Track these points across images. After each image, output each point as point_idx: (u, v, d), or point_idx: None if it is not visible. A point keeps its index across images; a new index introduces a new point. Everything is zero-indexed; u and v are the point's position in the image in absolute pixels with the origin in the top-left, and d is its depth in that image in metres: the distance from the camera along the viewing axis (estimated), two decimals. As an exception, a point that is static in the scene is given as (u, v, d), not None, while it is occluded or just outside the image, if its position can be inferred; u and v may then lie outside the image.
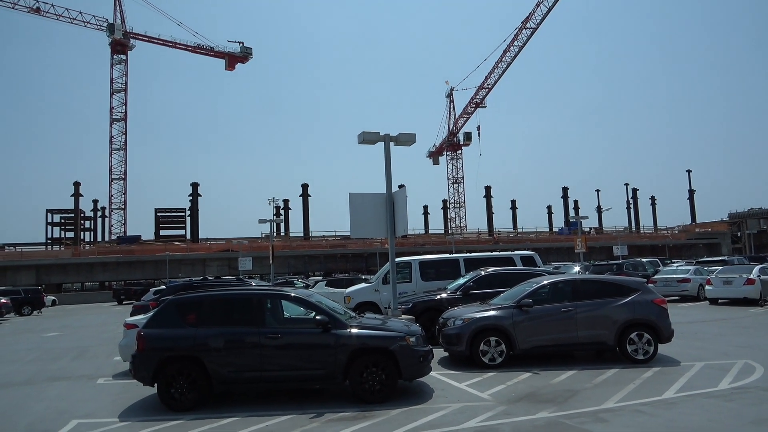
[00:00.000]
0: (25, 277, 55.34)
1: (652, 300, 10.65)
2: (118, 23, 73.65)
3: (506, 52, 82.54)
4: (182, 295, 8.92)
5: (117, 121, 75.31)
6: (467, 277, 14.44)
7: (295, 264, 65.00)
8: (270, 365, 8.17)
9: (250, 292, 8.97)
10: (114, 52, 75.17)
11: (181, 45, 77.58)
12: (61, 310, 42.91)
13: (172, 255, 59.49)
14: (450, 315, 11.22)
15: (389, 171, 11.55)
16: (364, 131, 11.45)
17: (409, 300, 13.99)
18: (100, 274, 60.31)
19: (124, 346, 10.85)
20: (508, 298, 11.07)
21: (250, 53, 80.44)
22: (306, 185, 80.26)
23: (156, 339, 8.24)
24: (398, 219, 11.27)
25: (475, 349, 10.29)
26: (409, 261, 17.42)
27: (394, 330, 8.50)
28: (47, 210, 78.63)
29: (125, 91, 75.82)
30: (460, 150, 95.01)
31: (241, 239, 65.26)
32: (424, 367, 8.46)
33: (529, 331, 10.37)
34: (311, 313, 8.51)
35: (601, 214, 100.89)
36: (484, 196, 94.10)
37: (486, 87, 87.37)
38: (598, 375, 9.43)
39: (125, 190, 75.33)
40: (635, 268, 31.30)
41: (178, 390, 8.08)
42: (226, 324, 8.38)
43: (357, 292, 17.66)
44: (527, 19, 79.14)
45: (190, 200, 75.35)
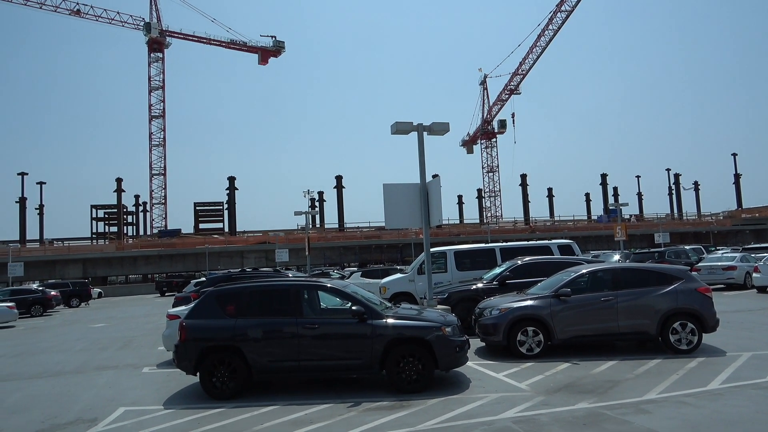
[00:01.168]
0: (73, 271, 57.50)
1: (695, 288, 10.34)
2: (154, 22, 75.23)
3: (540, 36, 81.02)
4: (222, 287, 9.11)
5: (155, 118, 77.16)
6: (503, 267, 14.29)
7: (330, 255, 65.59)
8: (308, 355, 8.28)
9: (287, 283, 9.09)
10: (151, 51, 76.91)
11: (215, 41, 78.84)
12: (106, 302, 44.48)
13: (211, 248, 60.86)
14: (486, 305, 11.14)
15: (423, 161, 11.51)
16: (397, 121, 11.43)
17: (444, 290, 13.94)
18: (142, 267, 62.16)
19: (167, 336, 11.17)
20: (546, 288, 10.92)
21: (282, 47, 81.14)
22: (340, 177, 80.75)
23: (197, 329, 8.45)
24: (432, 209, 11.24)
25: (513, 339, 10.20)
26: (444, 251, 17.36)
27: (430, 320, 8.50)
28: (92, 206, 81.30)
29: (163, 89, 77.56)
30: (495, 138, 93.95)
31: (277, 231, 66.27)
32: (461, 357, 8.44)
33: (567, 321, 10.21)
34: (347, 304, 8.58)
35: (642, 200, 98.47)
36: (520, 185, 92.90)
37: (520, 73, 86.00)
38: (639, 365, 9.22)
39: (165, 185, 77.35)
40: (678, 255, 30.41)
41: (219, 379, 8.28)
42: (264, 315, 8.52)
43: (392, 283, 17.71)
44: (562, 2, 77.34)
45: (228, 194, 76.74)
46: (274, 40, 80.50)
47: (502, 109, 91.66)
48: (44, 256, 59.50)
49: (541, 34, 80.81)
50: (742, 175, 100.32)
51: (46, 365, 12.51)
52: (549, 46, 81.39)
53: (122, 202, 76.95)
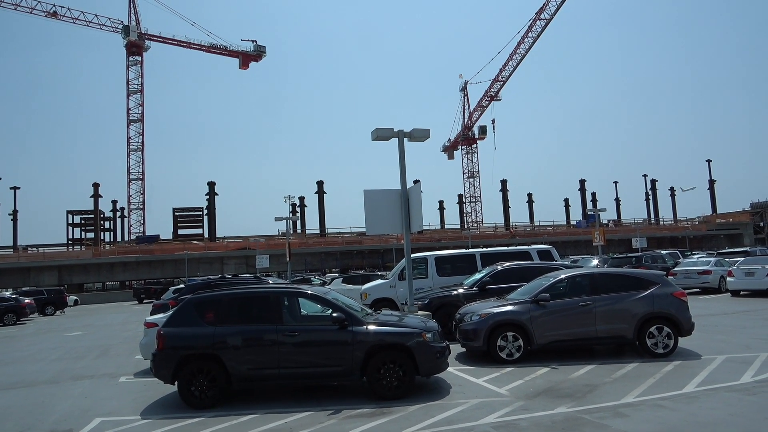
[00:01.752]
0: (48, 278, 56.33)
1: (671, 293, 10.52)
2: (133, 25, 74.37)
3: (520, 44, 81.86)
4: (200, 294, 9.02)
5: (134, 122, 76.17)
6: (484, 272, 14.38)
7: (311, 261, 65.30)
8: (288, 362, 8.24)
9: (267, 290, 9.04)
10: (129, 54, 75.98)
11: (195, 45, 78.18)
12: (83, 309, 43.64)
13: (191, 254, 60.10)
14: (467, 310, 11.20)
15: (404, 167, 11.54)
16: (378, 127, 11.45)
17: (425, 296, 13.98)
18: (120, 274, 61.18)
19: (144, 344, 11.01)
20: (525, 293, 11.02)
21: (263, 51, 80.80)
22: (321, 182, 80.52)
23: (175, 337, 8.35)
24: (413, 215, 11.26)
25: (493, 345, 10.27)
26: (425, 257, 17.41)
27: (411, 326, 8.51)
28: (68, 211, 79.85)
29: (141, 93, 76.64)
30: (475, 144, 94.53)
31: (258, 237, 65.75)
32: (442, 363, 8.47)
33: (546, 326, 10.32)
34: (328, 311, 8.56)
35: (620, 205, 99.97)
36: (500, 190, 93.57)
37: (500, 80, 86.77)
38: (617, 369, 9.35)
39: (143, 191, 76.28)
40: (654, 260, 30.88)
41: (198, 388, 8.18)
42: (244, 322, 8.46)
43: (373, 289, 17.70)
44: (541, 10, 78.38)
45: (207, 199, 75.97)
46: (255, 44, 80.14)
47: (483, 115, 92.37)
48: (18, 263, 58.20)
49: (521, 41, 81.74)
50: (717, 181, 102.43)
51: (20, 375, 12.24)
52: (529, 53, 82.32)
53: (99, 208, 75.63)
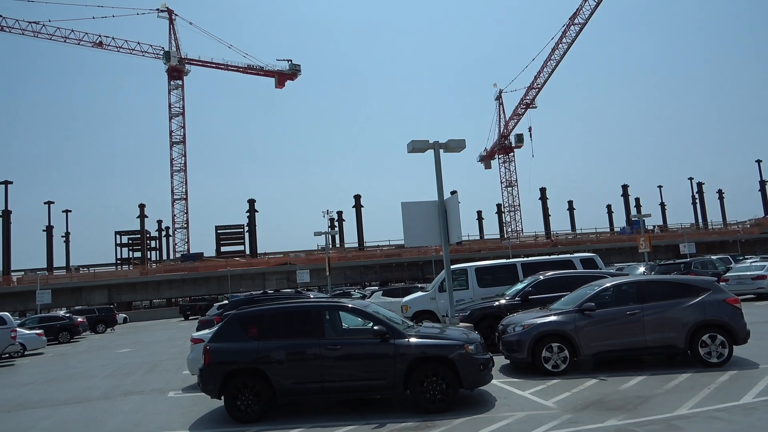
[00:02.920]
0: (99, 297, 58.36)
1: (724, 299, 10.11)
2: (173, 50, 77.00)
3: (555, 49, 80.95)
4: (244, 310, 9.17)
5: (176, 144, 78.54)
6: (525, 282, 14.16)
7: (351, 275, 65.61)
8: (331, 376, 8.27)
9: (308, 305, 9.12)
10: (171, 78, 78.59)
11: (232, 67, 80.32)
12: (132, 327, 44.97)
13: (233, 270, 61.36)
14: (509, 321, 11.03)
15: (440, 178, 11.53)
16: (414, 140, 11.50)
17: (466, 307, 13.84)
18: (166, 291, 62.85)
19: (191, 360, 11.25)
20: (570, 303, 10.79)
21: (298, 70, 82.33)
22: (358, 196, 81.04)
23: (221, 353, 8.50)
24: (452, 226, 11.22)
25: (537, 356, 10.07)
26: (465, 268, 17.26)
27: (453, 338, 8.44)
28: (116, 232, 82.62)
29: (183, 115, 79.03)
30: (512, 152, 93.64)
31: (298, 252, 66.59)
32: (485, 375, 8.35)
33: (593, 336, 10.06)
34: (369, 324, 8.57)
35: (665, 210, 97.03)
36: (540, 198, 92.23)
37: (536, 87, 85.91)
38: (669, 380, 9.02)
39: (187, 210, 78.32)
40: (704, 266, 29.77)
41: (243, 402, 8.30)
42: (286, 336, 8.55)
43: (414, 301, 17.64)
44: (575, 15, 77.43)
45: (248, 216, 77.46)
46: (290, 63, 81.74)
47: (519, 123, 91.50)
48: (71, 282, 60.54)
49: (555, 47, 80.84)
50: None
51: (74, 391, 12.67)
52: (564, 58, 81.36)
53: (145, 228, 78.17)
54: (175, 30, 77.90)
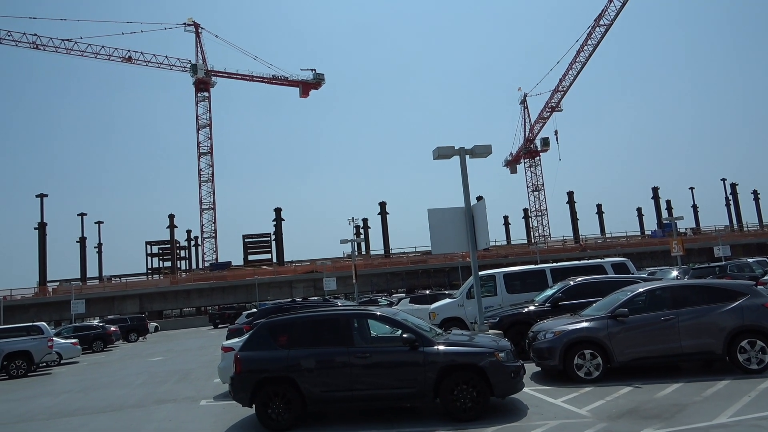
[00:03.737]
0: (131, 306, 59.50)
1: (763, 304, 9.81)
2: (200, 63, 78.50)
3: (580, 52, 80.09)
4: (274, 318, 9.24)
5: (204, 155, 79.90)
6: (555, 288, 13.96)
7: (377, 282, 65.61)
8: (360, 384, 8.26)
9: (337, 313, 9.14)
10: (198, 90, 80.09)
11: (257, 77, 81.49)
12: (163, 335, 45.70)
13: (261, 279, 61.96)
14: (540, 328, 10.89)
15: (466, 184, 11.47)
16: (439, 146, 11.47)
17: (495, 314, 13.71)
18: (196, 300, 63.76)
19: (222, 368, 11.37)
20: (602, 309, 10.59)
21: (322, 79, 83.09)
22: (384, 203, 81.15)
23: (251, 361, 8.57)
24: (479, 232, 11.14)
25: (569, 363, 9.91)
26: (493, 274, 17.11)
27: (483, 346, 8.36)
28: (146, 242, 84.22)
29: (210, 126, 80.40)
30: (538, 156, 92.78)
31: (324, 260, 66.87)
32: (517, 383, 8.24)
33: (626, 343, 9.85)
34: (398, 332, 8.55)
35: (698, 212, 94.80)
36: (567, 202, 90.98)
37: (561, 90, 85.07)
38: (707, 387, 8.78)
39: (215, 219, 79.52)
40: (741, 269, 28.88)
41: (274, 410, 8.34)
42: (316, 345, 8.58)
43: (441, 308, 17.54)
44: (600, 16, 76.51)
45: (275, 225, 78.20)
46: (314, 73, 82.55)
47: (544, 126, 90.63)
48: (103, 292, 61.87)
49: (580, 49, 79.97)
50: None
51: (109, 400, 12.92)
52: (589, 60, 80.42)
53: (175, 238, 79.53)
54: (201, 43, 79.54)
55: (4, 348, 20.96)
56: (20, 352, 21.20)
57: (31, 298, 59.91)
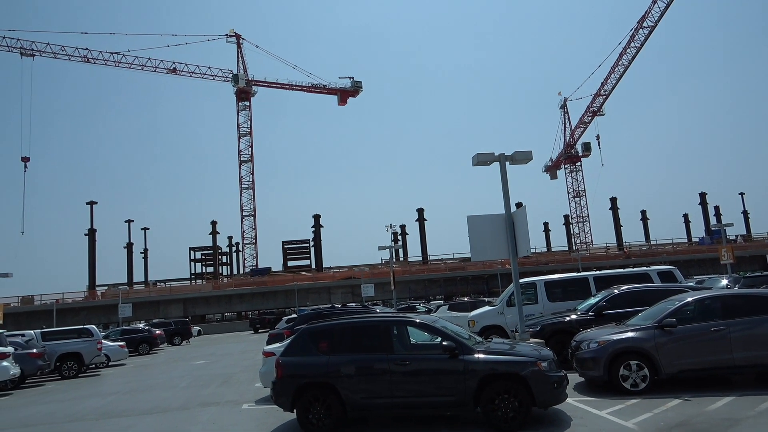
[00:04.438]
0: (174, 310, 61.08)
1: (822, 315, 9.34)
2: (241, 73, 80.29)
3: (622, 55, 78.33)
4: (314, 324, 9.33)
5: (245, 163, 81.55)
6: (599, 297, 13.65)
7: (415, 288, 65.46)
8: (400, 391, 8.25)
9: (377, 320, 9.16)
10: (239, 100, 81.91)
11: (297, 86, 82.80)
12: (205, 339, 46.70)
13: (300, 284, 62.67)
14: (583, 337, 10.65)
15: (506, 191, 11.36)
16: (479, 153, 11.40)
17: (536, 322, 13.49)
18: (237, 305, 64.96)
19: (264, 373, 11.54)
20: (648, 318, 10.29)
21: (360, 87, 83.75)
22: (421, 210, 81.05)
23: (292, 366, 8.68)
24: (520, 239, 11.01)
25: (614, 374, 9.66)
26: (533, 281, 16.85)
27: (524, 354, 8.24)
28: (190, 248, 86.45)
29: (250, 134, 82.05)
30: (580, 162, 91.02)
31: (362, 266, 67.13)
32: (560, 393, 8.08)
33: (674, 354, 9.54)
34: (437, 339, 8.51)
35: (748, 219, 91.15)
36: (610, 209, 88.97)
37: (603, 94, 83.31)
38: (761, 402, 8.41)
39: (255, 226, 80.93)
40: (796, 278, 27.56)
41: (315, 415, 8.41)
42: (355, 351, 8.61)
43: (481, 316, 17.37)
44: (643, 18, 74.70)
45: (313, 231, 79.09)
46: (351, 80, 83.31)
47: (586, 131, 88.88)
48: (149, 297, 63.72)
49: (622, 52, 78.19)
50: None
51: (155, 402, 13.28)
52: (632, 63, 78.53)
53: (217, 244, 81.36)
54: (242, 53, 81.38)
55: (57, 350, 21.84)
56: (71, 354, 22.07)
57: (81, 301, 62.24)
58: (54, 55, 72.93)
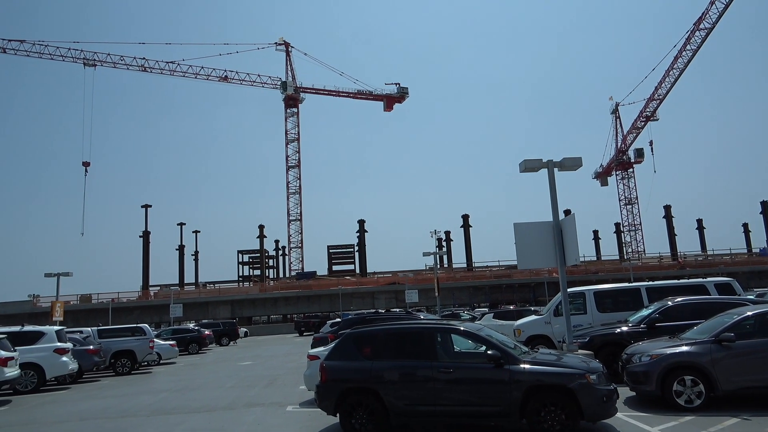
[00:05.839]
0: (223, 311, 62.63)
1: None
2: (289, 81, 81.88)
3: (677, 58, 75.65)
4: (358, 329, 9.38)
5: (292, 168, 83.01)
6: (652, 308, 13.16)
7: (459, 295, 64.90)
8: (443, 400, 8.17)
9: (421, 326, 9.12)
10: (287, 106, 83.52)
11: (343, 93, 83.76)
12: (252, 340, 47.63)
13: (344, 289, 63.17)
14: (635, 350, 10.29)
15: (555, 198, 11.14)
16: (526, 159, 11.21)
17: (585, 333, 13.13)
18: (282, 308, 66.05)
19: (308, 376, 11.66)
20: (704, 332, 9.85)
21: (406, 93, 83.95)
22: (467, 216, 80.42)
23: (336, 371, 8.73)
24: (568, 247, 10.76)
25: (668, 389, 9.28)
26: (583, 291, 16.41)
27: (572, 366, 8.02)
28: (238, 251, 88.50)
29: (298, 141, 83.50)
30: (632, 168, 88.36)
31: (406, 272, 67.15)
32: (609, 407, 7.82)
33: (732, 370, 9.08)
34: (482, 348, 8.39)
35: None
36: (664, 217, 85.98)
37: (656, 98, 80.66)
38: (830, 424, 7.90)
39: (301, 230, 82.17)
40: None
41: (358, 420, 8.43)
42: (399, 357, 8.59)
43: (527, 325, 17.04)
44: (700, 19, 71.96)
45: (358, 236, 79.65)
46: (398, 87, 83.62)
47: (638, 137, 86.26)
48: (199, 298, 65.60)
49: (678, 55, 75.52)
50: None
51: (203, 400, 13.61)
52: (688, 66, 75.75)
53: (264, 247, 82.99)
54: (291, 61, 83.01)
55: (112, 347, 22.74)
56: (125, 351, 22.94)
57: (135, 301, 64.72)
58: (114, 65, 76.38)
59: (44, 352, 17.57)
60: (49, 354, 17.62)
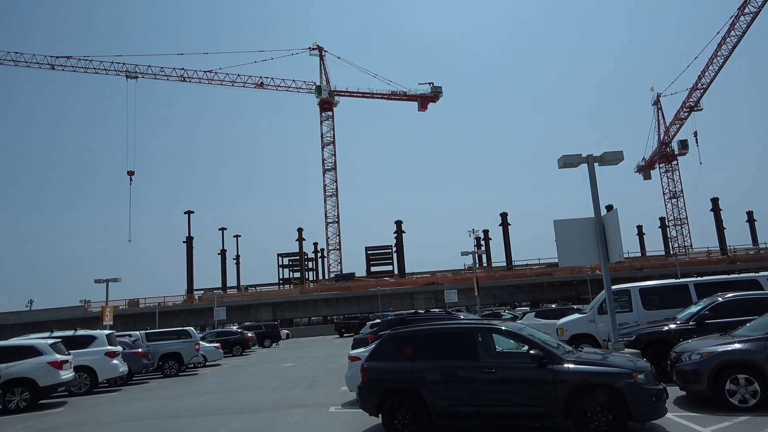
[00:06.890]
0: (264, 314, 63.67)
1: None
2: (323, 85, 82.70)
3: (721, 45, 73.00)
4: (398, 330, 9.38)
5: (328, 171, 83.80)
6: (701, 305, 12.72)
7: (499, 294, 64.19)
8: (486, 400, 8.10)
9: (461, 326, 9.07)
10: (322, 110, 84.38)
11: (377, 95, 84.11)
12: (293, 342, 48.26)
13: (383, 290, 63.32)
14: (684, 348, 9.97)
15: (596, 193, 10.90)
16: (565, 155, 11.01)
17: (631, 332, 12.78)
18: (322, 309, 66.71)
19: (349, 377, 11.74)
20: (759, 329, 9.46)
21: (440, 92, 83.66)
22: (505, 214, 79.42)
23: (377, 371, 8.76)
24: (611, 244, 10.52)
25: (720, 389, 8.95)
26: (627, 288, 15.98)
27: (618, 366, 7.83)
28: (278, 254, 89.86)
29: (333, 143, 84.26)
30: (676, 160, 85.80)
31: (444, 272, 66.82)
32: (658, 407, 7.60)
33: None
34: (524, 347, 8.28)
35: None
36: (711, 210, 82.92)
37: (700, 88, 78.06)
38: None
39: (339, 232, 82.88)
40: None
41: (400, 421, 8.42)
42: (440, 357, 8.55)
43: (570, 324, 16.71)
44: (745, 3, 69.23)
45: (395, 237, 79.65)
46: (431, 86, 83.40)
47: (682, 128, 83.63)
48: (241, 301, 66.88)
49: (721, 42, 72.85)
50: None
51: (247, 401, 13.87)
52: (733, 53, 72.96)
53: (303, 250, 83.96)
54: (324, 65, 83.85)
55: (160, 350, 23.43)
56: (172, 354, 23.60)
57: (180, 304, 66.42)
58: (154, 76, 78.72)
59: (96, 356, 18.22)
60: (101, 357, 18.27)
